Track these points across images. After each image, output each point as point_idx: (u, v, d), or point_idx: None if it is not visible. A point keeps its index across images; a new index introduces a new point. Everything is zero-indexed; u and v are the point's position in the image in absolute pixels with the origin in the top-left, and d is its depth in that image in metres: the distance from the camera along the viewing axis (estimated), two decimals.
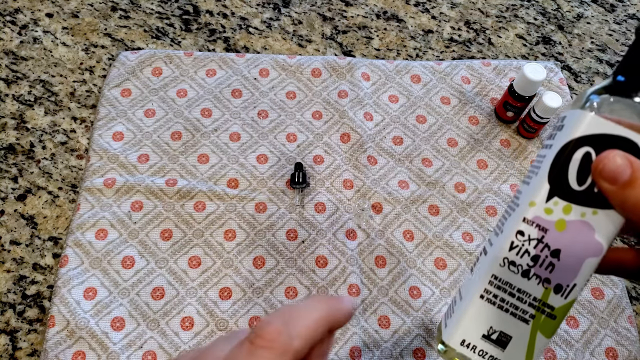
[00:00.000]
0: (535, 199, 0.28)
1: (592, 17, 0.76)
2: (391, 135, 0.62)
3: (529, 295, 0.29)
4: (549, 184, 0.28)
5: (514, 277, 0.29)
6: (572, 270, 0.29)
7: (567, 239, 0.28)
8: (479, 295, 0.30)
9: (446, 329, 0.31)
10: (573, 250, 0.28)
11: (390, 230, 0.56)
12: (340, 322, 0.28)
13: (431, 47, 0.71)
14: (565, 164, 0.27)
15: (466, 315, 0.30)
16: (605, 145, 0.26)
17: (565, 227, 0.28)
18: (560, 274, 0.29)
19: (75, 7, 0.68)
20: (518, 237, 0.29)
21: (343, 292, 0.53)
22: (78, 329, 0.48)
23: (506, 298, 0.29)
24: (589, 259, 0.28)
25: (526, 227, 0.29)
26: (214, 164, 0.58)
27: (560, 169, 0.27)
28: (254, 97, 0.63)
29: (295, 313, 0.26)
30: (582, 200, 0.28)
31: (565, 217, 0.28)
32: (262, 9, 0.71)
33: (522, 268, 0.29)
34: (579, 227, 0.28)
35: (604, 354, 0.52)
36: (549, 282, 0.29)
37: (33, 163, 0.57)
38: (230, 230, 0.55)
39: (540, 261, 0.29)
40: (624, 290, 0.55)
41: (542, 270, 0.29)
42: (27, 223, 0.54)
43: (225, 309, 0.51)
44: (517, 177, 0.61)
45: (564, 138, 0.27)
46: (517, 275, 0.29)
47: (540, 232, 0.28)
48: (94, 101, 0.62)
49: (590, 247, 0.28)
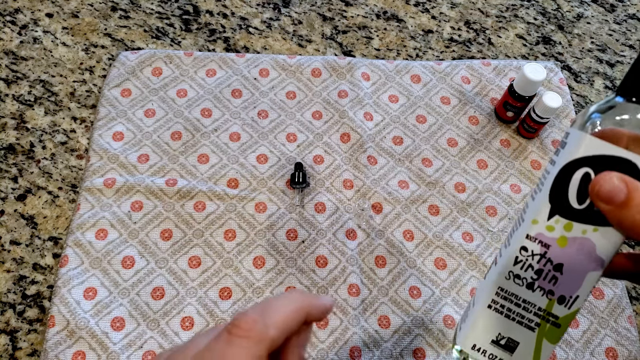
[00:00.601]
0: (538, 217, 0.29)
1: (592, 17, 0.76)
2: (391, 135, 0.62)
3: (534, 306, 0.31)
4: (550, 203, 0.29)
5: (519, 289, 0.31)
6: (575, 283, 0.30)
7: (569, 254, 0.29)
8: (487, 305, 0.32)
9: (460, 332, 0.33)
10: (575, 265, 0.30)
11: (390, 230, 0.56)
12: (316, 315, 0.29)
13: (431, 47, 0.71)
14: (566, 184, 0.28)
15: (476, 323, 0.32)
16: (604, 166, 0.27)
17: (567, 244, 0.29)
18: (563, 287, 0.30)
19: (75, 7, 0.68)
20: (522, 252, 0.30)
21: (343, 292, 0.53)
22: (78, 329, 0.48)
23: (512, 308, 0.31)
24: (591, 272, 0.29)
25: (529, 243, 0.30)
26: (214, 164, 0.58)
27: (561, 189, 0.29)
28: (254, 97, 0.63)
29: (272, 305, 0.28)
30: (583, 218, 0.29)
31: (567, 234, 0.29)
32: (262, 9, 0.71)
33: (527, 281, 0.30)
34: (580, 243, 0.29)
35: (604, 354, 0.52)
36: (552, 294, 0.30)
37: (33, 163, 0.57)
38: (230, 230, 0.55)
39: (544, 275, 0.30)
40: (624, 290, 0.55)
41: (545, 282, 0.30)
42: (27, 223, 0.54)
43: (225, 309, 0.51)
44: (517, 177, 0.61)
45: (565, 158, 0.28)
46: (522, 287, 0.31)
47: (542, 248, 0.30)
48: (94, 101, 0.62)
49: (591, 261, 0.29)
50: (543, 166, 0.62)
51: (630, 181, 0.26)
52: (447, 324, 0.52)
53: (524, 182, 0.61)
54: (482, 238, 0.57)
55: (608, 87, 0.70)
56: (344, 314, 0.52)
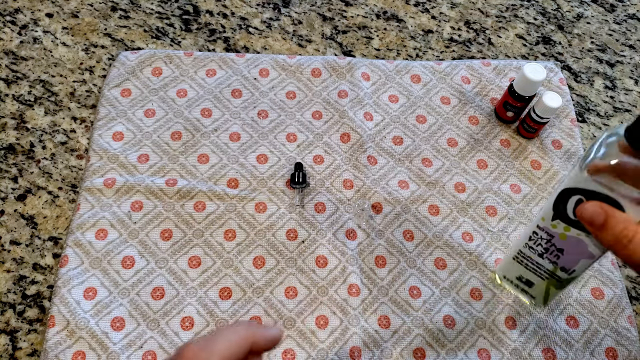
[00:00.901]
0: (545, 216, 0.39)
1: (592, 17, 0.76)
2: (391, 135, 0.62)
3: (542, 267, 0.43)
4: (553, 210, 0.38)
5: (533, 254, 0.43)
6: (573, 263, 0.40)
7: (568, 245, 0.39)
8: (512, 257, 0.46)
9: (498, 266, 0.51)
10: (572, 252, 0.39)
11: (390, 230, 0.56)
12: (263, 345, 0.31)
13: (431, 47, 0.71)
14: (565, 202, 0.37)
15: (506, 265, 0.48)
16: (592, 196, 0.35)
17: (566, 238, 0.39)
18: (564, 262, 0.41)
19: (75, 7, 0.68)
20: (534, 235, 0.41)
21: (343, 292, 0.53)
22: (78, 329, 0.49)
23: (529, 264, 0.44)
24: (584, 259, 0.39)
25: (539, 230, 0.41)
26: (214, 164, 0.58)
27: (561, 203, 0.37)
28: (254, 97, 0.63)
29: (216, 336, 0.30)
30: (578, 226, 0.38)
31: (566, 232, 0.39)
32: (262, 9, 0.71)
33: (538, 252, 0.42)
34: (576, 240, 0.38)
35: (604, 354, 0.52)
36: (556, 264, 0.42)
37: (33, 163, 0.57)
38: (230, 230, 0.55)
39: (550, 252, 0.41)
40: (624, 290, 0.55)
41: (551, 256, 0.41)
42: (27, 223, 0.54)
43: (225, 309, 0.51)
44: (517, 177, 0.61)
45: (567, 182, 0.36)
46: (535, 254, 0.43)
47: (548, 236, 0.40)
48: (94, 101, 0.62)
49: (585, 253, 0.39)
50: (543, 166, 0.62)
51: (609, 209, 0.33)
52: (447, 324, 0.52)
53: (524, 182, 0.61)
54: (482, 238, 0.57)
55: (608, 87, 0.70)
56: (344, 314, 0.52)
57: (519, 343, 0.52)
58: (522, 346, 0.52)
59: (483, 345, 0.51)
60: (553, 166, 0.62)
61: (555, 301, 0.54)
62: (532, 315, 0.53)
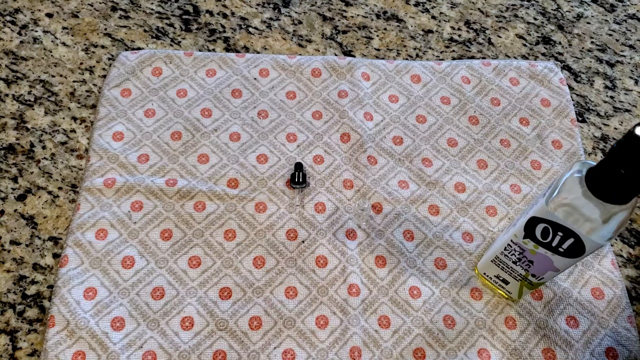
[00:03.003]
0: (517, 234, 0.44)
1: (592, 17, 0.76)
2: (391, 135, 0.62)
3: (516, 271, 0.48)
4: (524, 231, 0.43)
5: (508, 261, 0.48)
6: (541, 272, 0.46)
7: (536, 259, 0.45)
8: (491, 260, 0.50)
9: (479, 264, 0.53)
10: (540, 265, 0.45)
11: (390, 230, 0.56)
12: None
13: (431, 47, 0.71)
14: (533, 226, 0.42)
15: (486, 264, 0.52)
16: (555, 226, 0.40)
17: (535, 253, 0.44)
18: (534, 270, 0.46)
19: (75, 7, 0.68)
20: (508, 247, 0.47)
21: (343, 292, 0.53)
22: (78, 329, 0.49)
23: (505, 267, 0.49)
24: (550, 271, 0.45)
25: (512, 244, 0.46)
26: (214, 164, 0.58)
27: (531, 227, 0.42)
28: (254, 97, 0.63)
29: None
30: (545, 246, 0.43)
31: (535, 249, 0.44)
32: (262, 9, 0.71)
33: (512, 260, 0.47)
34: (543, 257, 0.44)
35: (604, 354, 0.52)
36: (527, 270, 0.47)
37: (33, 163, 0.58)
38: (230, 230, 0.55)
39: (522, 261, 0.46)
40: (624, 290, 0.55)
41: (523, 265, 0.47)
42: (27, 223, 0.54)
43: (225, 309, 0.51)
44: (517, 177, 0.61)
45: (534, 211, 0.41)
46: (510, 261, 0.48)
47: (520, 249, 0.45)
48: (94, 101, 0.62)
49: (551, 267, 0.44)
50: (543, 166, 0.62)
51: None
52: (447, 324, 0.52)
53: (524, 182, 0.61)
54: (482, 238, 0.57)
55: (608, 87, 0.70)
56: (344, 314, 0.52)
57: (519, 343, 0.52)
58: (522, 346, 0.52)
59: (483, 345, 0.51)
60: (553, 166, 0.62)
61: (555, 301, 0.54)
62: (532, 315, 0.53)
